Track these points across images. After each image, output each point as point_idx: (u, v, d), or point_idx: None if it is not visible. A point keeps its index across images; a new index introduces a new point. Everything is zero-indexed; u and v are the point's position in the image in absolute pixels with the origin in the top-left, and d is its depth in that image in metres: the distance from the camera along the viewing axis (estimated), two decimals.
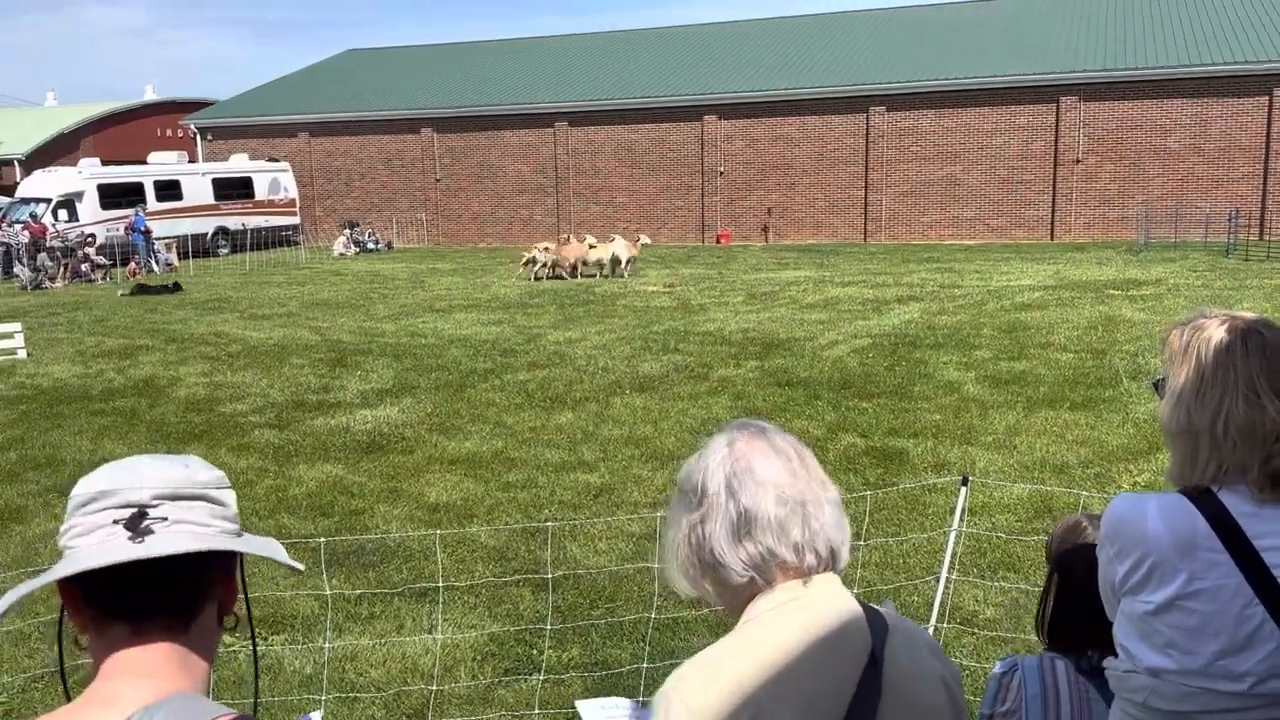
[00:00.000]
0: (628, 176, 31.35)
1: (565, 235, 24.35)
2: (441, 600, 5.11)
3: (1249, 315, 1.84)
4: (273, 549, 1.27)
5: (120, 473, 1.18)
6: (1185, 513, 1.77)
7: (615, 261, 21.20)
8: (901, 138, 28.37)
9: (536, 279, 21.00)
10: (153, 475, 1.18)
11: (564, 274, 21.35)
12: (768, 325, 13.81)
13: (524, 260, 21.85)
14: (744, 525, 1.38)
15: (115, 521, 1.14)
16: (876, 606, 1.78)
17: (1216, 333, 1.81)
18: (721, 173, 30.17)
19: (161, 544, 1.13)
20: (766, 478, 1.40)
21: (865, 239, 28.79)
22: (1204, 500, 1.77)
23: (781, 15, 36.56)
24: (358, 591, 5.33)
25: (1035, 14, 31.38)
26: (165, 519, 1.15)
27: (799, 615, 1.37)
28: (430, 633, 4.85)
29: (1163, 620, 1.78)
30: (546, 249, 21.63)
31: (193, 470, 1.21)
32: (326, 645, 4.65)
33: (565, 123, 31.63)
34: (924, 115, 28.06)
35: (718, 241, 30.08)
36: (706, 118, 30.08)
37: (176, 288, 21.02)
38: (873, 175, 28.62)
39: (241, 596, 1.28)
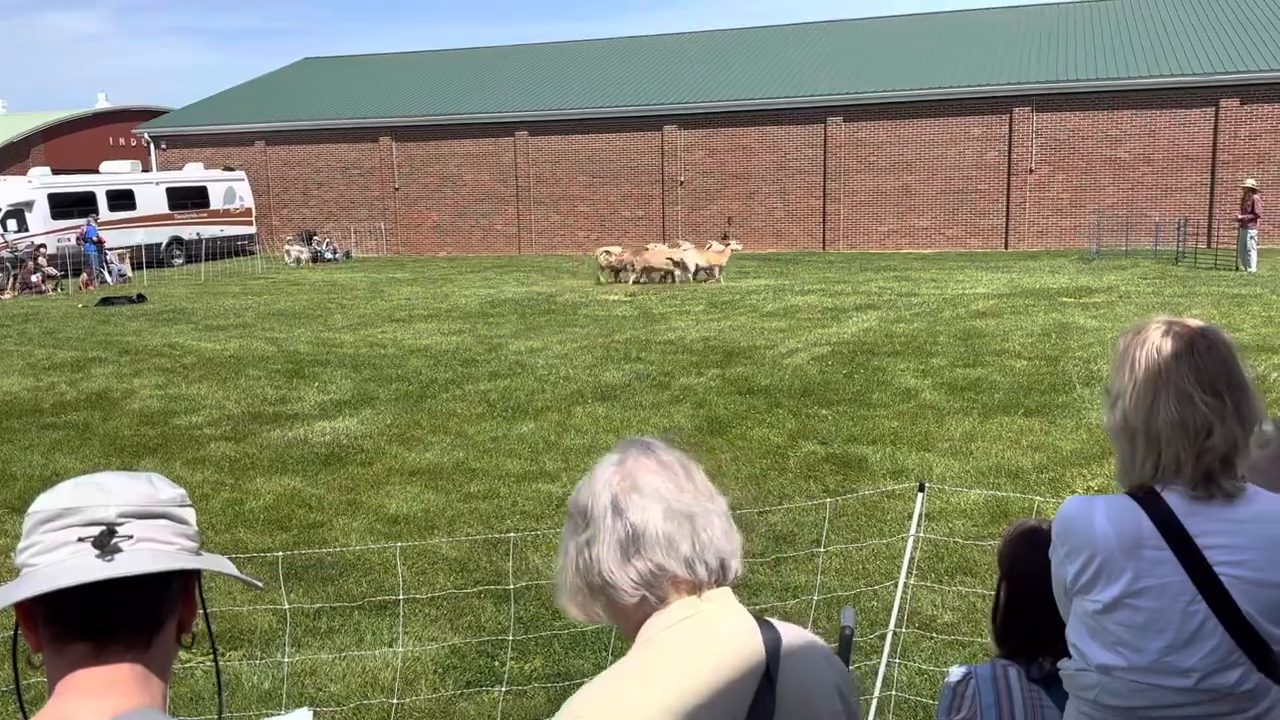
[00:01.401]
0: (588, 185, 31.38)
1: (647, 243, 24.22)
2: (402, 613, 5.08)
3: (1193, 322, 1.90)
4: (229, 567, 1.27)
5: (85, 489, 1.17)
6: (1131, 513, 1.82)
7: (689, 267, 21.16)
8: (859, 148, 28.68)
9: (613, 281, 21.23)
10: (119, 493, 1.17)
11: (642, 278, 21.49)
12: (728, 334, 13.88)
13: (601, 265, 21.97)
14: (632, 543, 1.37)
15: (81, 539, 1.13)
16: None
17: (1155, 336, 1.87)
18: (682, 182, 30.30)
19: (131, 563, 1.12)
20: (653, 493, 1.39)
21: (824, 248, 29.05)
22: (1149, 501, 1.82)
23: (741, 27, 36.81)
24: (316, 605, 5.28)
25: (988, 27, 31.90)
26: (131, 537, 1.15)
27: (694, 635, 1.36)
28: (390, 646, 4.81)
29: (1111, 618, 1.83)
30: (609, 252, 21.95)
31: (157, 488, 1.21)
32: (285, 660, 4.60)
33: (525, 132, 31.60)
34: (880, 126, 28.39)
35: None
36: (666, 127, 30.20)
37: (141, 299, 20.73)
38: (831, 185, 28.90)
39: (201, 613, 1.28)
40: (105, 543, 1.13)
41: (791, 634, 1.46)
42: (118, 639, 1.15)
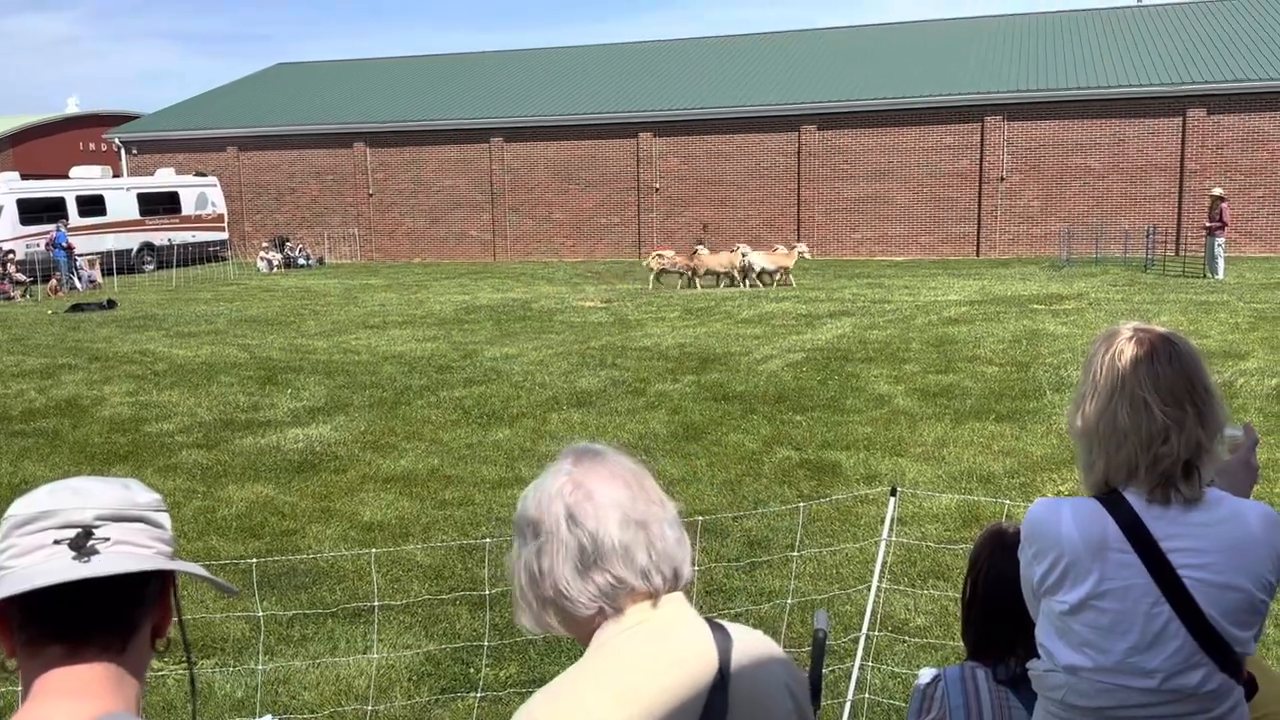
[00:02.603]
0: (563, 192, 31.39)
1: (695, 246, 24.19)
2: (376, 620, 5.07)
3: (1159, 329, 1.93)
4: (204, 572, 1.28)
5: (62, 493, 1.18)
6: (1096, 515, 1.86)
7: (752, 271, 21.18)
8: (832, 156, 28.87)
9: (660, 285, 21.36)
10: (95, 496, 1.18)
11: (697, 283, 21.62)
12: (704, 340, 13.92)
13: (652, 271, 22.03)
14: (590, 554, 1.36)
15: (57, 542, 1.13)
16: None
17: (1119, 342, 1.90)
18: (657, 189, 30.37)
19: (108, 564, 1.13)
20: (607, 502, 1.37)
21: None
22: (1115, 503, 1.86)
23: (716, 35, 36.99)
24: (290, 613, 5.25)
25: (960, 37, 32.22)
26: (108, 539, 1.15)
27: (648, 639, 1.36)
28: (365, 653, 4.80)
29: (1078, 619, 1.86)
30: (661, 256, 22.07)
31: (133, 492, 1.21)
32: (259, 668, 4.58)
33: (500, 138, 31.58)
34: (854, 134, 28.59)
35: None
36: (641, 135, 30.27)
37: (111, 304, 20.48)
38: (805, 192, 29.06)
39: (176, 620, 1.28)
40: (82, 544, 1.13)
41: (743, 636, 1.47)
42: (93, 641, 1.15)
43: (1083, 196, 27.02)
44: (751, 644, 1.47)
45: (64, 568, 1.11)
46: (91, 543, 1.14)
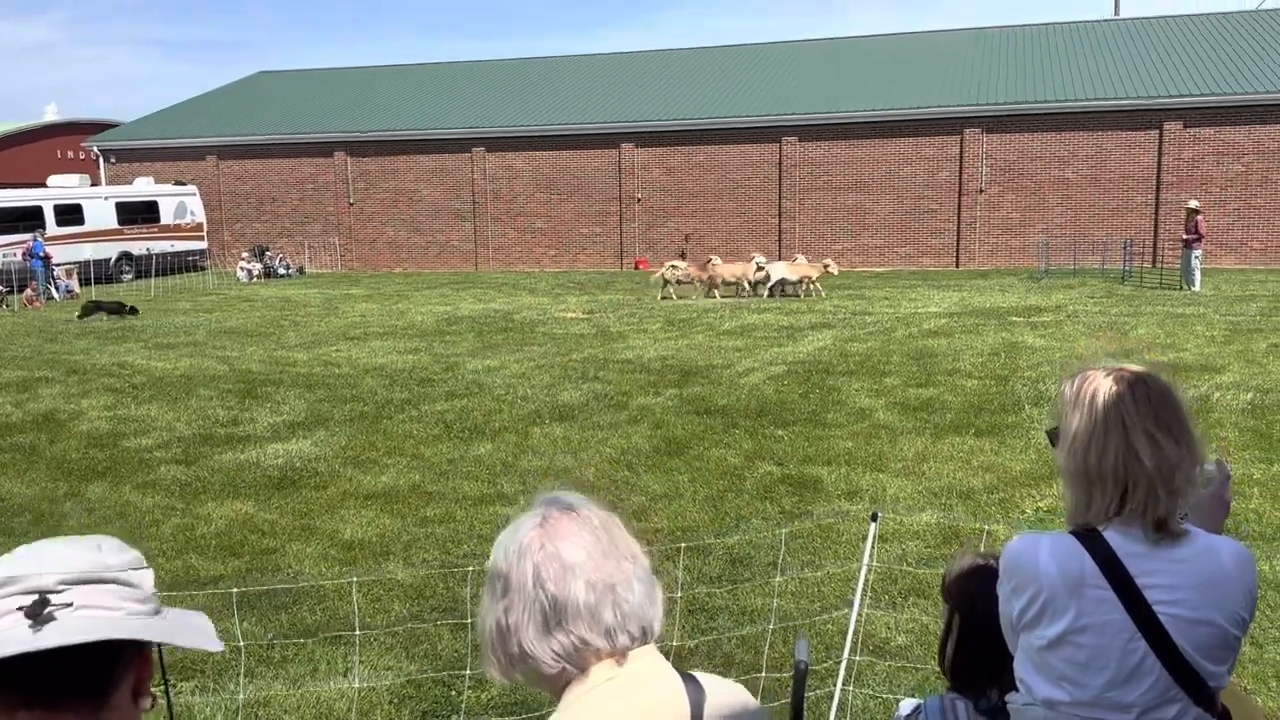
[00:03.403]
0: (545, 202, 31.40)
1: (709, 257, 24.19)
2: (357, 643, 5.04)
3: (1133, 367, 1.95)
4: (191, 625, 1.26)
5: (29, 558, 1.17)
6: (1074, 552, 1.88)
7: (781, 282, 21.24)
8: (813, 167, 29.02)
9: (671, 297, 21.40)
10: (60, 560, 1.16)
11: (715, 293, 21.68)
12: (685, 353, 13.95)
13: (663, 282, 22.07)
14: (554, 615, 1.35)
15: (20, 608, 1.12)
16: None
17: (1106, 382, 1.91)
18: (639, 200, 30.43)
19: (59, 633, 1.10)
20: (575, 562, 1.36)
21: None
22: (1092, 540, 1.88)
23: (698, 46, 37.09)
24: (270, 635, 5.22)
25: (940, 50, 32.47)
26: (70, 604, 1.14)
27: (618, 694, 1.36)
28: (345, 675, 4.77)
29: (1055, 654, 1.88)
30: (674, 267, 22.12)
31: (104, 553, 1.19)
32: (240, 693, 4.55)
33: (482, 148, 31.56)
34: (834, 145, 28.75)
35: (636, 268, 30.28)
36: (624, 145, 30.33)
37: (133, 310, 20.54)
38: (786, 203, 29.19)
39: (156, 650, 1.26)
40: (38, 612, 1.11)
41: (716, 688, 1.46)
42: (65, 706, 1.14)
43: (1061, 208, 27.26)
44: (724, 695, 1.47)
45: (18, 638, 1.10)
46: (49, 609, 1.12)
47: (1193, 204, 21.19)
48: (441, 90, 35.53)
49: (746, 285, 21.62)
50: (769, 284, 21.27)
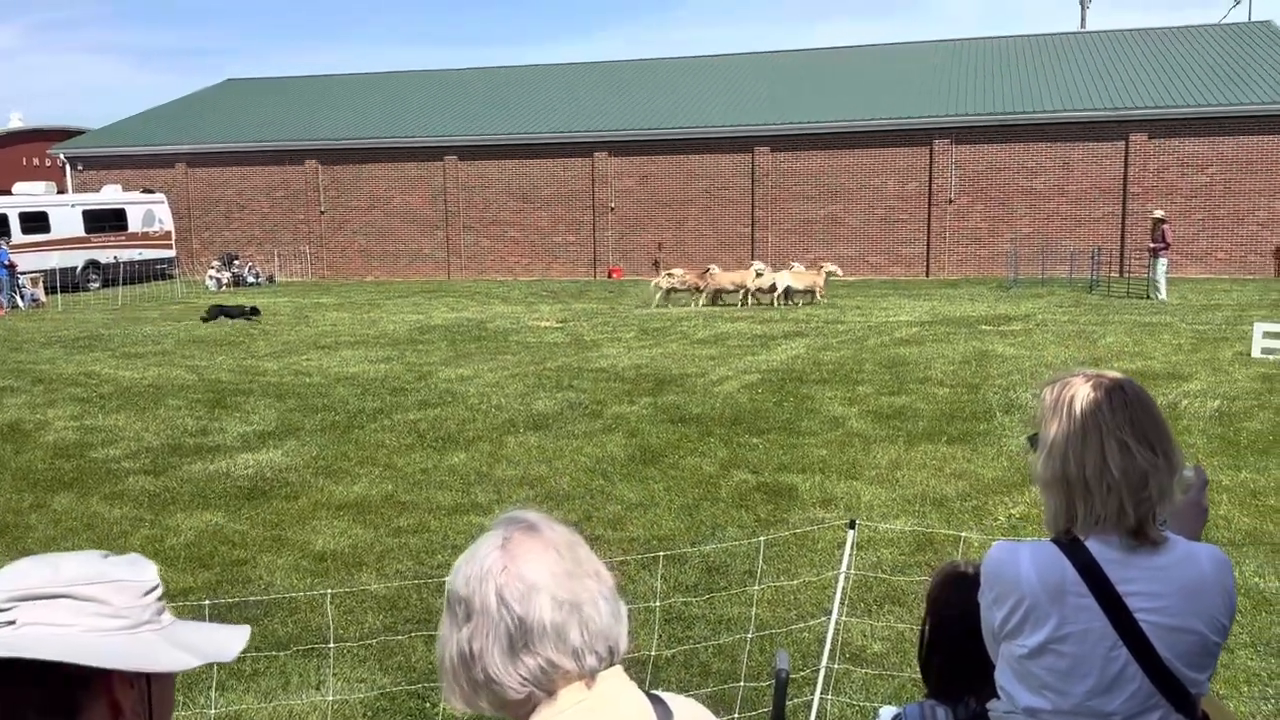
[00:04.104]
0: (519, 211, 31.34)
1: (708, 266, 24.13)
2: (330, 655, 4.98)
3: (1112, 374, 1.96)
4: (184, 643, 1.21)
5: (7, 573, 1.15)
6: (1055, 560, 1.88)
7: (784, 290, 21.22)
8: (785, 177, 29.16)
9: (667, 305, 21.39)
10: (20, 575, 1.15)
11: (715, 301, 21.69)
12: (660, 361, 13.95)
13: (659, 290, 22.05)
14: (520, 637, 1.32)
15: None
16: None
17: (1085, 389, 1.91)
18: (613, 209, 30.44)
19: None
20: (539, 582, 1.33)
21: None
22: (1073, 548, 1.88)
23: (671, 56, 37.21)
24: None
25: (910, 61, 32.76)
26: (13, 623, 1.11)
27: (586, 717, 1.33)
28: (318, 688, 4.72)
29: (1037, 663, 1.88)
30: (671, 274, 22.12)
31: (60, 570, 1.16)
32: (212, 709, 4.48)
33: (455, 156, 31.47)
34: (806, 156, 28.92)
35: (610, 276, 30.28)
36: (597, 154, 30.35)
37: (255, 312, 20.61)
38: (759, 213, 29.31)
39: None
40: None
41: (682, 709, 1.45)
42: None
43: (1029, 218, 27.55)
44: (690, 716, 1.45)
45: None
46: None
47: (1159, 214, 21.48)
48: (414, 98, 35.41)
49: (751, 293, 21.57)
50: (778, 293, 21.28)
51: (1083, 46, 32.12)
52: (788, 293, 21.34)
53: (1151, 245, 21.12)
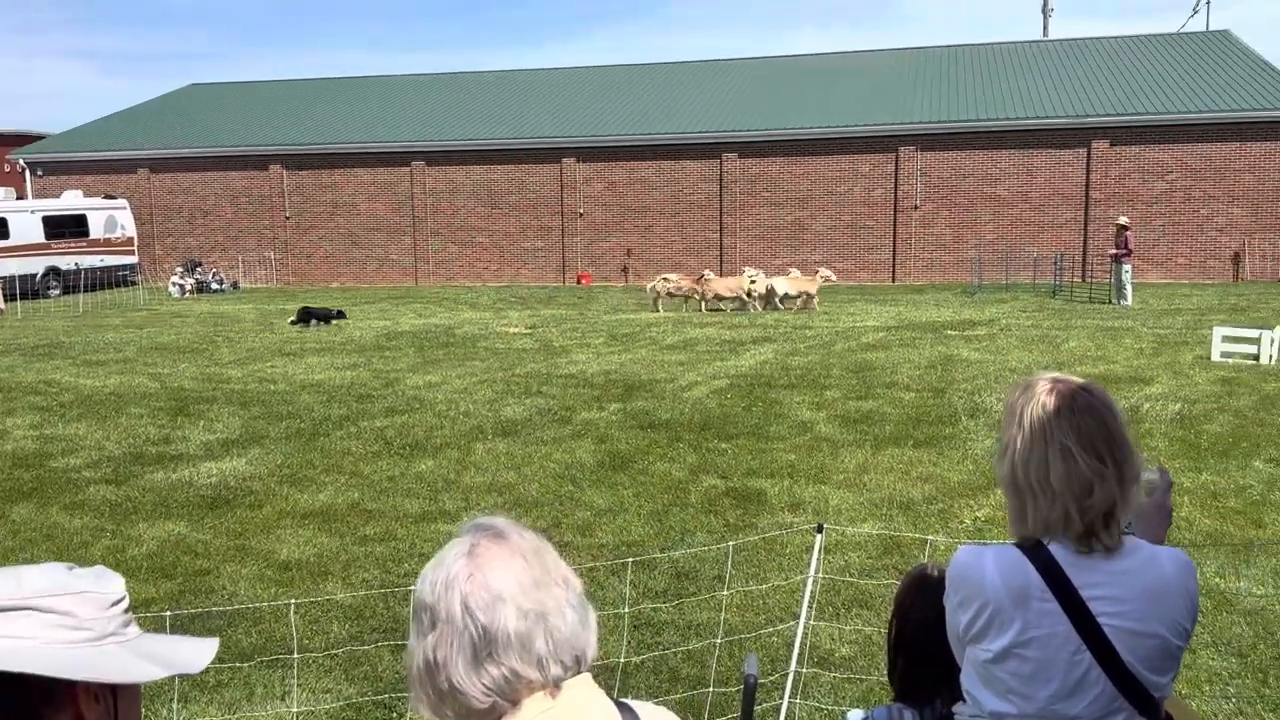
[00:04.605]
0: (487, 217, 31.24)
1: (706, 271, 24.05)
2: (295, 665, 4.92)
3: (1076, 380, 1.97)
4: (151, 655, 1.19)
5: None
6: (1019, 565, 1.89)
7: (775, 295, 21.17)
8: (753, 183, 29.29)
9: (659, 310, 21.43)
10: None
11: (715, 306, 21.68)
12: (629, 367, 13.94)
13: (656, 295, 22.03)
14: (484, 646, 1.31)
15: None
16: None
17: (1041, 394, 1.93)
18: (581, 214, 30.42)
19: None
20: (504, 591, 1.32)
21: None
22: (1036, 552, 1.89)
23: (640, 63, 37.24)
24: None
25: (876, 69, 33.05)
26: None
27: None
28: (283, 700, 4.66)
29: (1002, 667, 1.89)
30: (667, 280, 22.15)
31: (21, 582, 1.15)
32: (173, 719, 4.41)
33: (422, 162, 31.32)
34: (774, 162, 29.07)
35: (578, 282, 30.24)
36: (565, 160, 30.33)
37: (340, 315, 20.51)
38: (726, 219, 29.41)
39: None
40: None
41: (651, 717, 1.44)
42: None
43: (993, 225, 27.85)
44: None
45: None
46: None
47: (1122, 220, 21.80)
48: (380, 103, 35.21)
49: (745, 299, 21.54)
50: (773, 298, 21.32)
51: (1045, 55, 32.54)
52: (784, 297, 21.40)
53: (1114, 251, 21.41)
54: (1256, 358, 13.02)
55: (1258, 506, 7.23)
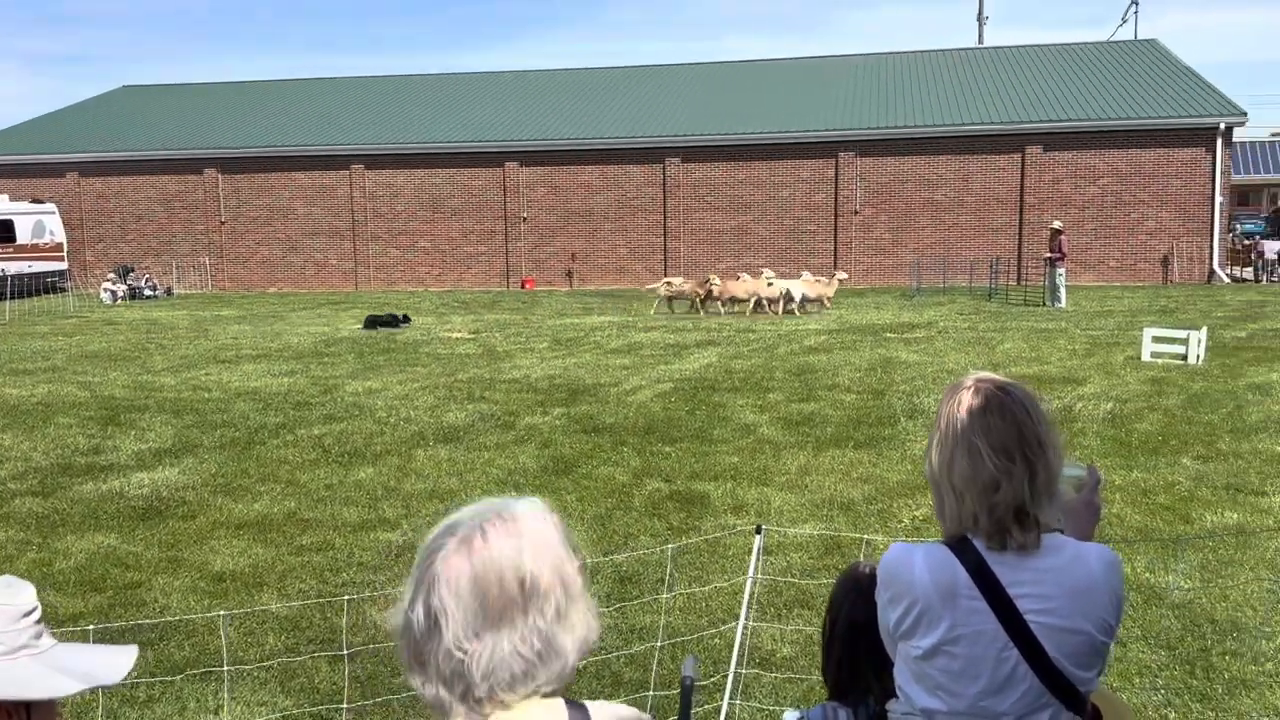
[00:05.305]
0: (429, 221, 30.96)
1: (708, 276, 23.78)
2: (228, 678, 4.81)
3: (999, 380, 1.98)
4: (60, 667, 1.14)
5: None
6: (947, 562, 1.90)
7: (793, 299, 21.06)
8: (696, 188, 29.43)
9: (666, 312, 21.38)
10: None
11: (720, 309, 21.65)
12: (573, 371, 13.90)
13: (659, 299, 21.85)
14: (416, 658, 1.35)
15: None
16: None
17: (963, 394, 1.95)
18: (525, 219, 30.29)
19: None
20: (449, 614, 1.34)
21: None
22: (964, 550, 1.91)
23: (581, 67, 37.27)
24: (134, 673, 4.93)
25: (816, 75, 33.43)
26: None
27: None
28: (216, 714, 4.54)
29: (931, 664, 1.90)
30: (669, 284, 22.06)
31: None
32: None
33: (361, 165, 30.95)
34: (716, 167, 29.23)
35: (522, 287, 30.11)
36: (508, 164, 30.18)
37: (405, 319, 20.17)
38: (671, 223, 29.49)
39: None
40: None
41: (602, 712, 1.45)
42: None
43: (931, 229, 28.30)
44: (612, 715, 1.45)
45: None
46: None
47: (1056, 224, 22.29)
48: (317, 106, 34.72)
49: (766, 304, 21.48)
50: (792, 302, 21.29)
51: (980, 62, 33.18)
52: (803, 300, 21.40)
53: (1049, 255, 21.88)
54: (1184, 357, 13.38)
55: (1186, 502, 7.42)
